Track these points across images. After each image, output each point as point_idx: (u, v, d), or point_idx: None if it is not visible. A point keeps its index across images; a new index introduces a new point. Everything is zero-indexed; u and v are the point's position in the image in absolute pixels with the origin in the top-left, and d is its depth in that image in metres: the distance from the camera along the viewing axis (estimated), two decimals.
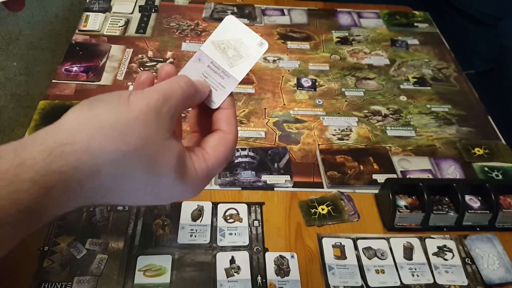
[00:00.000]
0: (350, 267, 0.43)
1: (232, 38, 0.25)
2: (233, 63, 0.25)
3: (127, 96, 0.20)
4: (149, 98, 0.21)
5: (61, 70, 0.62)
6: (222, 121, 0.25)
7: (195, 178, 0.22)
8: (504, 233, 0.48)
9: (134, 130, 0.19)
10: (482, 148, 0.58)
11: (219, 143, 0.24)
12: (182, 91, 0.22)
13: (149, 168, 0.20)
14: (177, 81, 0.23)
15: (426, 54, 0.74)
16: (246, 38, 0.25)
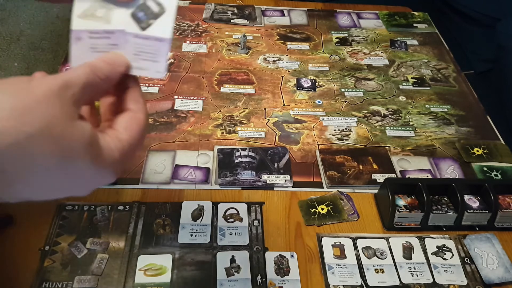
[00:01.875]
0: (349, 267, 0.43)
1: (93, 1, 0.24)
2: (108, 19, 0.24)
3: (28, 81, 0.20)
4: (51, 83, 0.20)
5: (62, 71, 0.62)
6: (129, 100, 0.24)
7: (112, 158, 0.21)
8: (503, 232, 0.48)
9: (37, 111, 0.18)
10: (481, 148, 0.58)
11: (131, 123, 0.23)
12: (87, 77, 0.21)
13: (59, 150, 0.19)
14: (82, 67, 0.22)
15: (425, 54, 0.74)
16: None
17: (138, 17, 0.24)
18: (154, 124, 0.57)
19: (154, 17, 0.24)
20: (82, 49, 0.24)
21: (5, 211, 0.45)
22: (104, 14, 0.24)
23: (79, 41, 0.24)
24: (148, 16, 0.24)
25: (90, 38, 0.24)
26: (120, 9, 0.24)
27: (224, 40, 0.72)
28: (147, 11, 0.24)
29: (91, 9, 0.24)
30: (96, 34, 0.24)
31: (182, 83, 0.63)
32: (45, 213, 0.45)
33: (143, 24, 0.24)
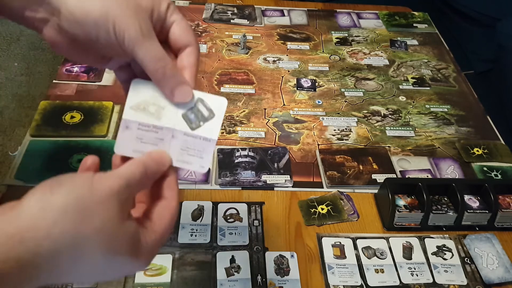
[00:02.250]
0: (349, 267, 0.43)
1: (148, 96, 0.26)
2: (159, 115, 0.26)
3: (91, 181, 0.21)
4: (112, 183, 0.21)
5: (62, 71, 0.62)
6: (165, 187, 0.25)
7: (146, 251, 0.23)
8: (503, 232, 0.48)
9: (96, 214, 0.20)
10: (481, 148, 0.58)
11: (164, 212, 0.25)
12: (141, 177, 0.23)
13: (107, 249, 0.21)
14: (136, 165, 0.23)
15: (425, 54, 0.74)
16: (159, 91, 0.26)
17: (189, 118, 0.26)
18: None
19: (203, 120, 0.26)
20: (129, 138, 0.26)
21: None
22: (156, 111, 0.26)
23: (127, 129, 0.26)
24: (198, 118, 0.26)
25: (139, 129, 0.26)
26: (172, 109, 0.26)
27: (224, 40, 0.72)
28: (197, 114, 0.26)
29: (144, 104, 0.26)
30: (145, 127, 0.26)
31: None
32: None
33: (193, 125, 0.26)
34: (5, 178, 0.48)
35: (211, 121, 0.26)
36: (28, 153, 0.50)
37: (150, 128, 0.26)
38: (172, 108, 0.26)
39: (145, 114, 0.26)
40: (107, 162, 0.51)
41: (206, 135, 0.26)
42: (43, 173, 0.48)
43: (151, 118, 0.26)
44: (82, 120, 0.55)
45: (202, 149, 0.26)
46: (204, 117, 0.26)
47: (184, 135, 0.26)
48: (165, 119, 0.26)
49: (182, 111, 0.26)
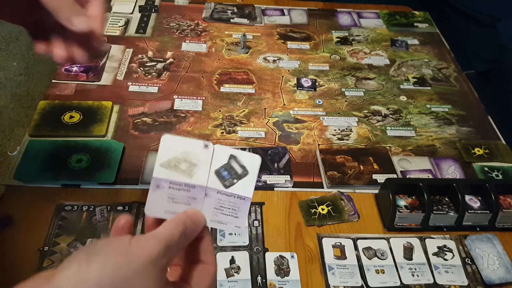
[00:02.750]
0: (350, 267, 0.43)
1: (179, 152, 0.25)
2: (191, 173, 0.25)
3: (128, 245, 0.20)
4: (150, 249, 0.20)
5: (61, 70, 0.62)
6: (202, 251, 0.24)
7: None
8: (504, 233, 0.48)
9: (133, 284, 0.19)
10: (482, 148, 0.58)
11: (202, 277, 0.24)
12: (180, 236, 0.22)
13: None
14: (176, 226, 0.22)
15: (426, 54, 0.74)
16: (190, 147, 0.25)
17: (222, 175, 0.26)
18: (154, 124, 0.57)
19: (237, 178, 0.26)
20: (160, 197, 0.25)
21: (4, 212, 0.45)
22: (188, 168, 0.25)
23: (158, 188, 0.25)
24: (232, 176, 0.26)
25: (170, 188, 0.25)
26: (204, 166, 0.25)
27: (223, 40, 0.72)
28: (231, 171, 0.26)
29: (175, 161, 0.25)
30: (177, 185, 0.25)
31: (181, 82, 0.63)
32: (44, 213, 0.45)
33: (227, 182, 0.26)
34: (4, 178, 0.48)
35: (245, 179, 0.26)
36: (27, 153, 0.50)
37: (182, 186, 0.25)
38: (205, 166, 0.25)
39: (176, 171, 0.25)
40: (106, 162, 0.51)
41: (241, 193, 0.26)
42: (42, 173, 0.48)
43: (182, 175, 0.25)
44: (81, 120, 0.55)
45: (237, 208, 0.26)
46: (237, 175, 0.26)
47: (217, 193, 0.25)
48: (197, 177, 0.25)
49: (215, 168, 0.26)
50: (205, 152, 0.25)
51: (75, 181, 0.48)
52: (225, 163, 0.26)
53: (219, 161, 0.25)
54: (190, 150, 0.25)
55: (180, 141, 0.25)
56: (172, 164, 0.25)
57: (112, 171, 0.49)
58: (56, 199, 0.46)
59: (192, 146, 0.25)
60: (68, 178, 0.48)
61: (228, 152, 0.26)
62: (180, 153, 0.25)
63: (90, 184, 0.48)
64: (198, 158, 0.25)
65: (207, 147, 0.26)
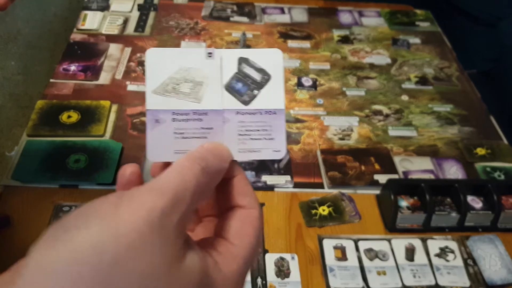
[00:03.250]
0: (351, 269, 0.43)
1: (175, 68, 0.19)
2: (197, 95, 0.19)
3: (115, 209, 0.13)
4: (149, 207, 0.13)
5: (59, 70, 0.62)
6: (237, 194, 0.18)
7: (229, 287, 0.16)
8: (506, 233, 0.47)
9: (126, 268, 0.12)
10: (484, 148, 0.57)
11: (244, 226, 0.17)
12: (197, 182, 0.15)
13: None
14: (191, 166, 0.16)
15: (428, 53, 0.73)
16: (188, 61, 0.19)
17: (236, 89, 0.19)
18: None
19: (257, 86, 0.19)
20: (163, 135, 0.18)
21: (2, 212, 0.44)
22: (192, 89, 0.19)
23: (157, 124, 0.18)
24: (249, 86, 0.19)
25: (174, 120, 0.18)
26: (212, 82, 0.19)
27: (223, 38, 0.71)
28: (246, 80, 0.19)
29: (172, 83, 0.19)
30: (183, 115, 0.18)
31: None
32: (42, 214, 0.44)
33: (244, 97, 0.19)
34: (2, 178, 0.47)
35: (269, 85, 0.19)
36: (25, 153, 0.49)
37: (190, 115, 0.18)
38: (215, 81, 0.19)
39: (177, 96, 0.18)
40: (104, 162, 0.50)
41: (268, 105, 0.19)
42: (40, 173, 0.47)
43: (187, 100, 0.18)
44: (79, 119, 0.54)
45: (269, 127, 0.19)
46: (256, 82, 0.19)
47: (237, 115, 0.19)
48: (208, 99, 0.19)
49: (225, 81, 0.19)
50: (210, 64, 0.19)
51: (73, 182, 0.47)
52: (235, 71, 0.19)
53: (226, 72, 0.19)
54: (190, 64, 0.19)
55: (173, 54, 0.19)
56: (169, 87, 0.18)
57: (110, 171, 0.48)
58: (54, 199, 0.46)
59: (191, 58, 0.19)
60: (66, 178, 0.47)
61: (237, 55, 0.19)
62: (177, 71, 0.19)
63: (88, 185, 0.47)
64: (203, 73, 0.19)
65: (211, 56, 0.19)
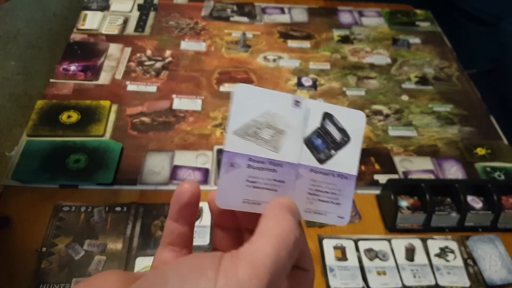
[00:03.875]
0: (351, 269, 0.43)
1: (260, 112, 0.17)
2: (277, 144, 0.17)
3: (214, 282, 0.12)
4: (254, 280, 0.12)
5: (59, 70, 0.62)
6: (301, 256, 0.17)
7: None
8: (506, 234, 0.47)
9: None
10: (484, 148, 0.57)
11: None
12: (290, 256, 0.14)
13: None
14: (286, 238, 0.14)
15: (428, 53, 0.73)
16: (275, 105, 0.17)
17: (315, 145, 0.18)
18: (152, 123, 0.56)
19: (335, 147, 0.18)
20: (235, 180, 0.17)
21: (1, 212, 0.44)
22: (272, 137, 0.17)
23: (232, 168, 0.17)
24: (328, 144, 0.18)
25: (249, 167, 0.17)
26: (292, 132, 0.17)
27: (223, 38, 0.71)
28: (326, 138, 0.18)
29: (255, 127, 0.17)
30: (258, 163, 0.17)
31: (180, 82, 0.63)
32: (42, 214, 0.44)
33: (321, 155, 0.18)
34: (2, 178, 0.47)
35: (346, 148, 0.18)
36: (25, 153, 0.49)
37: (266, 164, 0.17)
38: (295, 133, 0.18)
39: (257, 142, 0.17)
40: (104, 162, 0.50)
41: (342, 169, 0.18)
42: (40, 174, 0.47)
43: (266, 148, 0.17)
44: (79, 119, 0.54)
45: (338, 191, 0.18)
46: (335, 143, 0.18)
47: (311, 172, 0.18)
48: (286, 150, 0.17)
49: (305, 134, 0.18)
50: (295, 113, 0.18)
51: (73, 182, 0.47)
52: (317, 126, 0.18)
53: (312, 125, 0.18)
54: (275, 110, 0.17)
55: (262, 95, 0.17)
56: (251, 131, 0.17)
57: (110, 171, 0.48)
58: (54, 199, 0.46)
59: (278, 103, 0.17)
60: (66, 179, 0.47)
61: (323, 108, 0.18)
62: (262, 115, 0.17)
63: (88, 185, 0.47)
64: (286, 121, 0.17)
65: (298, 105, 0.18)
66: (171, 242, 0.17)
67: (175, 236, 0.17)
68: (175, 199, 0.17)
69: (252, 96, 0.17)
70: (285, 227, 0.15)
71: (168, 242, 0.17)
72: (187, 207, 0.17)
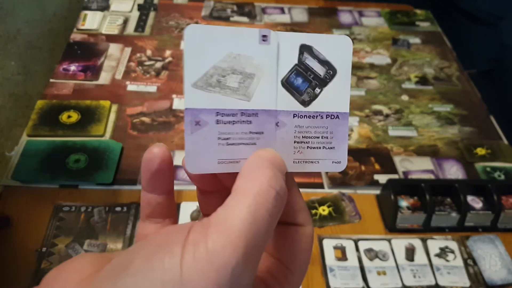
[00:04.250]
0: (351, 269, 0.43)
1: (220, 58, 0.14)
2: (247, 92, 0.15)
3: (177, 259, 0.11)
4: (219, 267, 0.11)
5: (59, 70, 0.62)
6: (292, 209, 0.15)
7: None
8: (506, 234, 0.47)
9: None
10: (484, 148, 0.57)
11: (301, 250, 0.15)
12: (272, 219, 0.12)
13: None
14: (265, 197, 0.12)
15: (428, 53, 0.73)
16: (238, 45, 0.14)
17: (295, 86, 0.15)
18: (152, 123, 0.56)
19: (320, 84, 0.15)
20: (205, 139, 0.15)
21: (1, 212, 0.44)
22: (240, 83, 0.15)
23: (199, 128, 0.14)
24: (311, 82, 0.15)
25: (218, 122, 0.15)
26: (265, 74, 0.15)
27: None
28: (307, 75, 0.15)
29: (217, 74, 0.14)
30: (228, 116, 0.15)
31: (180, 82, 0.63)
32: (42, 214, 0.44)
33: (304, 96, 0.15)
34: (2, 178, 0.47)
35: (333, 83, 0.15)
36: (25, 153, 0.49)
37: (238, 116, 0.15)
38: (269, 74, 0.15)
39: (223, 92, 0.14)
40: (104, 162, 0.50)
41: (331, 108, 0.15)
42: (40, 173, 0.47)
43: (235, 97, 0.14)
44: (79, 119, 0.54)
45: (330, 134, 0.16)
46: (319, 79, 0.15)
47: (294, 118, 0.15)
48: (259, 96, 0.15)
49: (282, 74, 0.15)
50: (265, 50, 0.15)
51: (73, 182, 0.47)
52: (295, 63, 0.15)
53: (284, 63, 0.15)
54: (240, 50, 0.14)
55: (219, 34, 0.14)
56: (213, 80, 0.14)
57: (110, 171, 0.48)
58: (54, 199, 0.46)
59: (242, 42, 0.14)
60: (66, 179, 0.47)
61: (298, 40, 0.15)
62: (224, 58, 0.14)
63: (88, 185, 0.47)
64: (255, 62, 0.15)
65: (266, 40, 0.15)
66: (150, 214, 0.16)
67: (153, 207, 0.16)
68: (144, 167, 0.15)
69: (208, 38, 0.14)
70: (263, 182, 0.13)
71: (147, 214, 0.16)
72: (159, 174, 0.15)
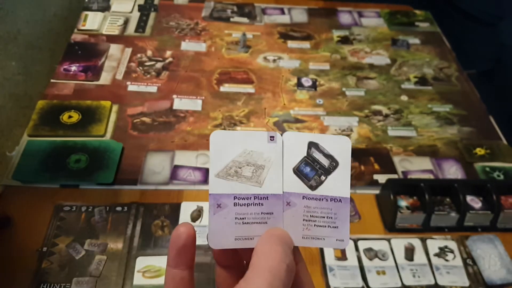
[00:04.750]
0: (350, 268, 0.43)
1: (237, 153, 0.19)
2: (259, 179, 0.18)
3: None
4: None
5: (60, 70, 0.62)
6: (299, 283, 0.18)
7: None
8: (506, 233, 0.47)
9: None
10: (484, 148, 0.57)
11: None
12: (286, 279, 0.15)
13: None
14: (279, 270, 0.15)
15: (427, 53, 0.73)
16: (251, 144, 0.19)
17: (304, 173, 0.19)
18: (153, 123, 0.56)
19: (325, 173, 0.19)
20: (225, 220, 0.18)
21: (2, 212, 0.44)
22: (253, 173, 0.19)
23: (220, 209, 0.18)
24: (317, 171, 0.19)
25: (236, 205, 0.18)
26: (277, 165, 0.19)
27: (223, 39, 0.72)
28: (314, 166, 0.19)
29: (235, 167, 0.19)
30: (244, 199, 0.18)
31: (181, 82, 0.63)
32: (43, 214, 0.44)
33: (312, 181, 0.19)
34: (3, 178, 0.47)
35: (336, 172, 0.19)
36: (26, 153, 0.50)
37: (251, 200, 0.18)
38: (275, 165, 0.19)
39: (240, 181, 0.18)
40: (105, 162, 0.50)
41: (335, 193, 0.19)
42: (40, 173, 0.48)
43: (249, 184, 0.18)
44: (80, 119, 0.55)
45: (334, 215, 0.19)
46: (324, 168, 0.19)
47: (303, 199, 0.19)
48: (268, 183, 0.19)
49: (292, 165, 0.19)
50: (272, 147, 0.19)
51: (73, 182, 0.47)
52: (304, 155, 0.19)
53: (294, 155, 0.19)
54: (252, 148, 0.19)
55: (237, 137, 0.19)
56: (232, 171, 0.18)
57: (111, 171, 0.48)
58: (55, 199, 0.46)
59: (253, 141, 0.19)
60: (67, 179, 0.47)
61: (305, 139, 0.19)
62: (240, 154, 0.19)
63: (89, 185, 0.48)
64: (265, 156, 0.19)
65: (273, 140, 0.19)
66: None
67: (176, 282, 0.18)
68: (172, 243, 0.18)
69: (228, 140, 0.19)
70: (275, 258, 0.15)
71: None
72: (185, 249, 0.18)
